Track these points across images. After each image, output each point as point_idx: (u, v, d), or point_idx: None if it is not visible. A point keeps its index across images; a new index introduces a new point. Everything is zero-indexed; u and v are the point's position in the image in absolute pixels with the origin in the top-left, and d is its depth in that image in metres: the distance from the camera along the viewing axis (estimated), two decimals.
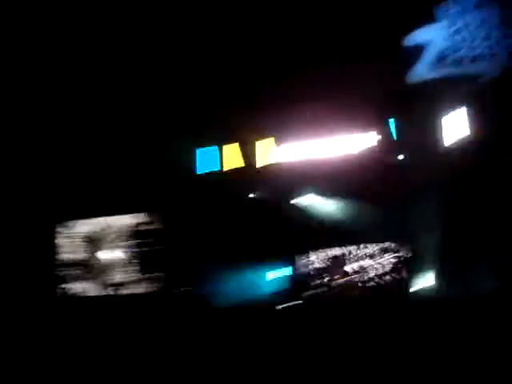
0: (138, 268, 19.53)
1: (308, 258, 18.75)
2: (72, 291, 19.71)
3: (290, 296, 18.02)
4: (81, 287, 19.78)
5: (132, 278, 19.52)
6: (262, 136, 19.04)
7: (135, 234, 19.64)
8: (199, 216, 18.79)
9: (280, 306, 17.38)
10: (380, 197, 17.16)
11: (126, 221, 19.71)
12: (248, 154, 19.08)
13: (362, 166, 17.68)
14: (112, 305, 18.86)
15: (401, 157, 17.75)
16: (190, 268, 18.69)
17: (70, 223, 20.00)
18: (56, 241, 19.94)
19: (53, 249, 19.89)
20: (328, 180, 17.72)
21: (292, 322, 16.48)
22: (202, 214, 18.75)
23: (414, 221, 17.01)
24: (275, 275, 18.71)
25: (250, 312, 16.58)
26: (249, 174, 18.95)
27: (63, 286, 19.76)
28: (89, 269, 19.92)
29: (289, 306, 17.47)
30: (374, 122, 18.19)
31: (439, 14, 17.72)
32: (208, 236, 18.64)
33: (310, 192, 18.11)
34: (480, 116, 16.77)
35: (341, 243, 18.56)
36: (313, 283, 18.42)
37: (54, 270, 19.81)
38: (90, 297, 19.72)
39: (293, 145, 18.94)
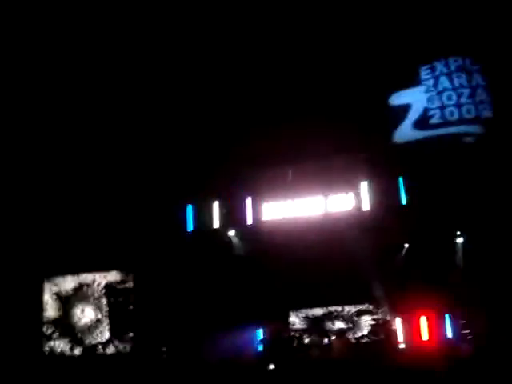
0: (116, 327, 18.97)
1: (288, 318, 18.27)
2: (55, 349, 19.26)
3: (272, 357, 17.43)
4: (62, 346, 19.23)
5: (109, 338, 18.93)
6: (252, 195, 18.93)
7: (119, 291, 19.19)
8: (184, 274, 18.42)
9: (271, 366, 16.82)
10: (357, 256, 16.92)
11: (112, 277, 19.30)
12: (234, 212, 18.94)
13: (341, 226, 17.44)
14: (94, 364, 18.30)
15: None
16: (173, 328, 18.18)
17: (57, 279, 19.61)
18: (43, 297, 19.61)
19: (40, 305, 19.53)
20: (309, 240, 17.43)
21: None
22: (185, 273, 18.39)
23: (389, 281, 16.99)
24: (256, 336, 18.16)
25: (235, 372, 15.95)
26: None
27: (48, 343, 19.34)
28: (69, 327, 19.38)
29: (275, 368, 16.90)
30: (353, 184, 18.11)
31: (423, 76, 17.88)
32: (190, 294, 18.17)
33: (290, 251, 17.77)
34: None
35: (321, 304, 18.13)
36: (295, 343, 17.87)
37: (40, 327, 19.42)
38: (71, 356, 19.11)
39: (274, 204, 18.74)
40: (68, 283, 19.56)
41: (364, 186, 18.11)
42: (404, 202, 17.71)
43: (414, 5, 16.80)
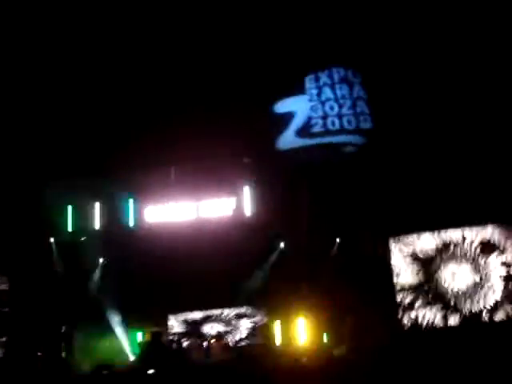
0: None
1: (168, 321, 18.21)
2: None
3: (151, 361, 17.24)
4: None
5: None
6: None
7: None
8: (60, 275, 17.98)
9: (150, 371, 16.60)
10: (237, 260, 17.14)
11: None
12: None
13: (221, 230, 17.70)
14: None
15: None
16: (47, 331, 17.66)
17: None
18: None
19: None
20: (189, 244, 17.42)
21: None
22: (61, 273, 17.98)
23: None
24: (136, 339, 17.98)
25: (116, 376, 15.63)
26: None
27: None
28: None
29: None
30: (235, 187, 18.34)
31: (308, 85, 18.29)
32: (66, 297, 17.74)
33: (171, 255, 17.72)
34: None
35: (200, 307, 18.20)
36: (173, 347, 17.79)
37: None
38: None
39: (156, 207, 18.65)
40: None
41: (246, 190, 18.28)
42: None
43: (300, 14, 17.19)
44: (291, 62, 17.74)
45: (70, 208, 18.71)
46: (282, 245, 17.98)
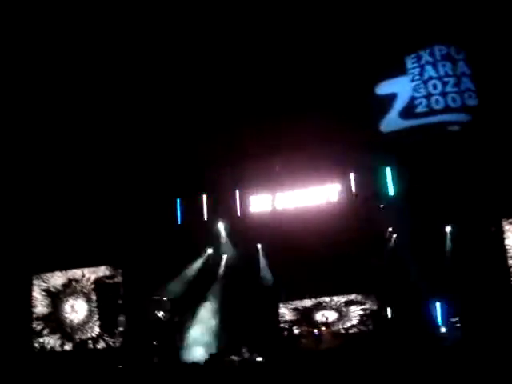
0: (106, 322, 19.05)
1: (278, 310, 18.37)
2: (45, 346, 19.24)
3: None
4: (53, 342, 19.23)
5: (99, 333, 18.98)
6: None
7: (108, 286, 19.17)
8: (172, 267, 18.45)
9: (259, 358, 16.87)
10: (345, 247, 17.01)
11: (101, 273, 19.23)
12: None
13: (330, 216, 17.49)
14: (84, 360, 18.31)
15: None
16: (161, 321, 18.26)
17: (46, 275, 19.55)
18: (32, 293, 19.56)
19: (29, 302, 19.51)
20: (297, 230, 17.45)
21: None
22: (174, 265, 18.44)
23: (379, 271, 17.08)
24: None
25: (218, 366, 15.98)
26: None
27: (38, 340, 19.33)
28: (59, 323, 19.37)
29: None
30: (339, 174, 18.15)
31: (409, 65, 17.86)
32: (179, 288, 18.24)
33: (279, 243, 17.82)
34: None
35: (311, 295, 18.20)
36: (285, 334, 17.96)
37: (30, 323, 19.40)
38: (61, 352, 19.10)
39: (262, 196, 18.67)
40: (57, 279, 19.50)
41: (352, 176, 18.07)
42: (392, 192, 17.67)
43: None
44: (391, 42, 17.33)
45: (178, 201, 19.12)
46: (394, 235, 17.69)
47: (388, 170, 17.87)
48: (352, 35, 17.25)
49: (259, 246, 18.37)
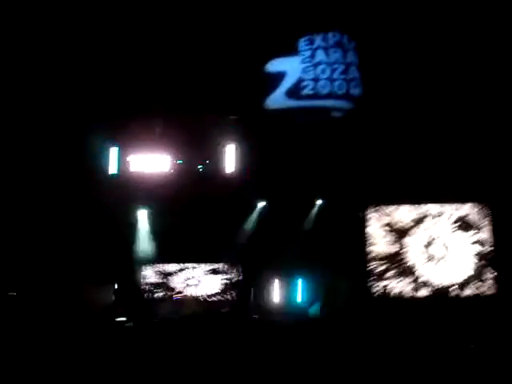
0: None
1: (142, 271, 18.23)
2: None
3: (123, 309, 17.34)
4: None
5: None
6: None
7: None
8: None
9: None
10: (217, 216, 17.26)
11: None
12: None
13: (201, 184, 17.69)
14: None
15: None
16: None
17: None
18: None
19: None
20: (168, 195, 17.47)
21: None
22: None
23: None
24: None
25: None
26: None
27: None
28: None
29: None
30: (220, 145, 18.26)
31: (302, 47, 18.12)
32: None
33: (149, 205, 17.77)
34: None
35: (177, 259, 18.20)
36: (145, 297, 17.95)
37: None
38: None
39: (139, 157, 18.40)
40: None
41: (230, 147, 18.23)
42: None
43: None
44: (285, 22, 17.49)
45: None
46: (261, 204, 18.03)
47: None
48: (249, 10, 17.27)
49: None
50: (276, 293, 17.74)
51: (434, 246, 17.49)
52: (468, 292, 17.11)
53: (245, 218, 17.94)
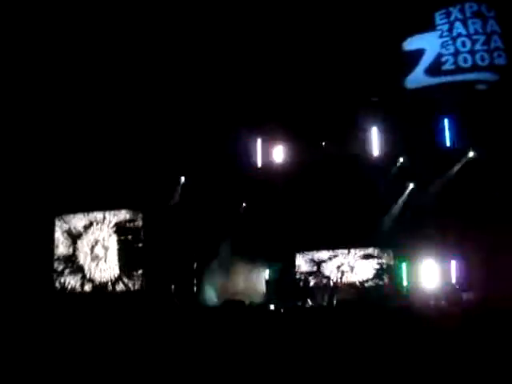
0: (126, 265, 19.34)
1: (295, 260, 18.52)
2: (66, 286, 19.68)
3: (278, 298, 17.63)
4: (73, 282, 19.63)
5: (118, 275, 19.30)
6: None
7: (128, 229, 19.46)
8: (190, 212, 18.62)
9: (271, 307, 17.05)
10: (364, 201, 17.24)
11: (121, 216, 19.52)
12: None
13: (348, 168, 17.70)
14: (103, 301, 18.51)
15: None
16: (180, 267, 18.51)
17: (68, 217, 19.92)
18: (54, 235, 19.99)
19: (50, 243, 19.91)
20: (316, 183, 17.63)
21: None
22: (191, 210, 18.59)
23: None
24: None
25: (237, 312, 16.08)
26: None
27: (59, 279, 19.77)
28: (80, 264, 19.75)
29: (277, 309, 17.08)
30: (364, 128, 18.14)
31: (438, 21, 17.62)
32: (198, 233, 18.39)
33: (298, 194, 17.90)
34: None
35: (328, 246, 18.34)
36: (300, 285, 18.19)
37: (51, 263, 19.86)
38: (81, 292, 19.53)
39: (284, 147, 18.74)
40: (78, 221, 19.79)
41: (374, 130, 18.05)
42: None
43: None
44: None
45: None
46: (411, 185, 17.73)
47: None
48: None
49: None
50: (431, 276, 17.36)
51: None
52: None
53: (393, 201, 17.68)
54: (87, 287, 19.52)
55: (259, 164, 18.71)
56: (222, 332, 13.33)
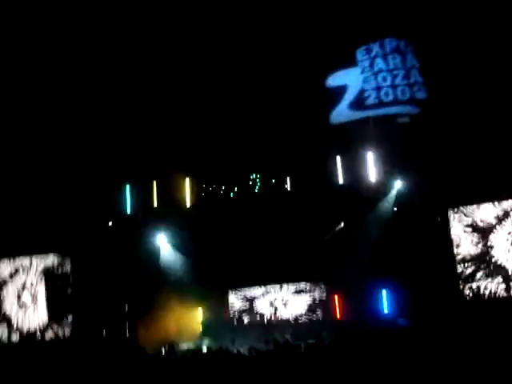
0: (55, 312, 18.73)
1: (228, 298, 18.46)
2: None
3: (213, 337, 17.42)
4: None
5: (47, 323, 18.68)
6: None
7: (56, 275, 18.84)
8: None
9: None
10: (294, 236, 17.34)
11: (47, 262, 18.92)
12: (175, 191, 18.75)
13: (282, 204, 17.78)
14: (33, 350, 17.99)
15: None
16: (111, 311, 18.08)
17: None
18: None
19: None
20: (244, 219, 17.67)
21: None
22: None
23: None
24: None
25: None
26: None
27: None
28: (6, 314, 18.95)
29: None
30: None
31: (360, 57, 18.05)
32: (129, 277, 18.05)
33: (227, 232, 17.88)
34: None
35: (260, 282, 18.31)
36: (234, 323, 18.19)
37: None
38: (9, 343, 18.72)
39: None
40: (4, 268, 19.12)
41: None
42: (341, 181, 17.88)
43: None
44: (341, 35, 17.46)
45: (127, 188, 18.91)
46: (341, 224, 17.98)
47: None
48: (303, 27, 17.34)
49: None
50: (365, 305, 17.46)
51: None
52: None
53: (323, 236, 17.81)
54: (14, 337, 18.76)
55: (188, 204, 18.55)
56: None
